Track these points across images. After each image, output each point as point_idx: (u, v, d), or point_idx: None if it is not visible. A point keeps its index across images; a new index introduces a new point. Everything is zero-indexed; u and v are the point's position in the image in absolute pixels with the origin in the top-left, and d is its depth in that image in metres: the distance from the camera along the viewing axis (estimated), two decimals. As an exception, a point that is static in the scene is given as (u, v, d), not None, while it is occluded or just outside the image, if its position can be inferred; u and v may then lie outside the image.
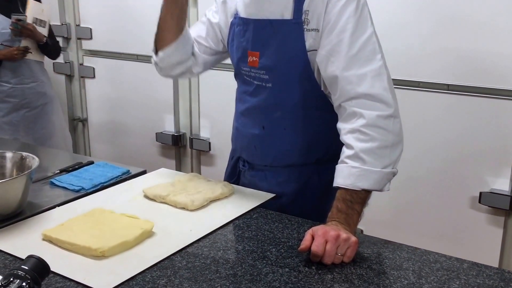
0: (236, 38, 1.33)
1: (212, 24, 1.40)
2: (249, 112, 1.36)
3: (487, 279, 0.95)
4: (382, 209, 2.16)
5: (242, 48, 1.31)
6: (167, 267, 0.98)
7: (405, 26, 2.11)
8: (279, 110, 1.29)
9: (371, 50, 1.14)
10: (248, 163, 1.41)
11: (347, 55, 1.14)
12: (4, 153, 1.28)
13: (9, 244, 1.06)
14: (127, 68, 3.03)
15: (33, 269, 0.77)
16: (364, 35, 1.14)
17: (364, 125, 1.11)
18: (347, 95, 1.14)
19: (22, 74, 2.71)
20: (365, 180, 1.10)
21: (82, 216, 1.15)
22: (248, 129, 1.37)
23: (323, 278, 0.95)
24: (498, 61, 1.97)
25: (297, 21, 1.19)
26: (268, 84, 1.28)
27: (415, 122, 2.11)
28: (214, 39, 1.41)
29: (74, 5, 3.19)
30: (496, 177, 2.05)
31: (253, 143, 1.36)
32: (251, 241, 1.09)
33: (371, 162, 1.10)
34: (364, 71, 1.13)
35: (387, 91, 1.13)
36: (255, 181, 1.39)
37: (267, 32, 1.24)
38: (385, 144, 1.12)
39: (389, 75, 1.16)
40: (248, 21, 1.28)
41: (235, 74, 1.41)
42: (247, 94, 1.35)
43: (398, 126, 1.14)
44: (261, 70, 1.28)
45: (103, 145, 3.31)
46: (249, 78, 1.32)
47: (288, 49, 1.22)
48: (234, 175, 1.47)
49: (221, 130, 2.75)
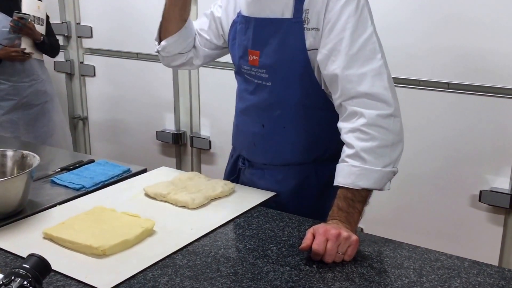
0: (238, 36, 1.34)
1: (214, 18, 1.42)
2: (249, 110, 1.36)
3: (488, 278, 0.95)
4: (382, 208, 2.16)
5: (243, 47, 1.32)
6: (168, 266, 0.98)
7: (405, 24, 2.11)
8: (278, 109, 1.29)
9: (372, 49, 1.14)
10: (248, 161, 1.41)
11: (348, 54, 1.14)
12: (5, 151, 1.28)
13: (10, 242, 1.06)
14: (128, 66, 3.02)
15: (34, 268, 0.77)
16: (364, 34, 1.14)
17: (364, 124, 1.11)
18: (347, 94, 1.15)
19: (23, 72, 2.71)
20: (365, 179, 1.10)
21: (83, 215, 1.15)
22: (248, 127, 1.37)
23: (324, 277, 0.95)
24: (498, 60, 1.97)
25: (297, 20, 1.20)
26: (268, 82, 1.28)
27: (415, 120, 2.11)
28: (215, 33, 1.43)
29: (74, 4, 3.18)
30: (496, 176, 2.05)
31: (252, 141, 1.37)
32: (252, 239, 1.09)
33: (372, 161, 1.10)
34: (364, 70, 1.13)
35: (387, 90, 1.13)
36: (254, 179, 1.39)
37: (267, 31, 1.25)
38: (385, 143, 1.12)
39: (390, 74, 1.16)
40: (249, 19, 1.29)
41: (235, 72, 1.41)
42: (248, 93, 1.35)
43: (398, 125, 1.14)
44: (261, 69, 1.28)
45: (103, 143, 3.31)
46: (250, 76, 1.32)
47: (288, 48, 1.23)
48: (234, 173, 1.47)
49: (222, 129, 2.75)
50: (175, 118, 2.93)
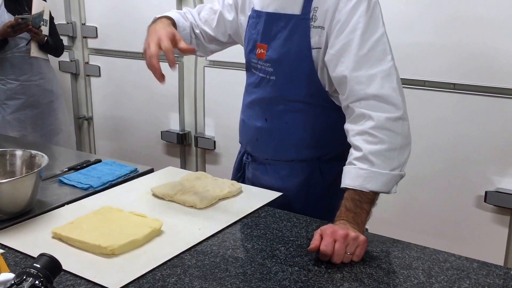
0: (248, 30, 1.35)
1: (225, 20, 1.42)
2: (253, 104, 1.37)
3: (497, 279, 0.95)
4: (387, 208, 2.16)
5: (253, 40, 1.33)
6: (177, 266, 0.98)
7: (410, 24, 2.10)
8: (281, 104, 1.29)
9: (382, 50, 1.14)
10: (251, 156, 1.42)
11: (357, 54, 1.13)
12: (14, 151, 1.28)
13: (20, 242, 1.06)
14: (132, 66, 3.03)
15: (45, 267, 0.78)
16: (375, 35, 1.14)
17: (372, 127, 1.11)
18: (356, 95, 1.14)
19: (30, 71, 2.72)
20: (373, 182, 1.10)
21: (91, 214, 1.16)
22: (253, 121, 1.38)
23: (333, 277, 0.95)
24: (504, 60, 1.96)
25: (305, 17, 1.20)
26: (272, 76, 1.29)
27: (420, 121, 2.11)
28: (223, 31, 1.44)
29: (80, 4, 3.19)
30: (502, 176, 2.04)
31: (255, 136, 1.37)
32: (260, 239, 1.09)
33: (379, 164, 1.10)
34: (374, 71, 1.12)
35: (396, 92, 1.13)
36: (258, 174, 1.40)
37: (276, 25, 1.25)
38: (393, 146, 1.11)
39: (399, 76, 1.16)
40: (260, 13, 1.30)
41: (246, 68, 1.42)
42: (253, 86, 1.36)
43: (406, 128, 1.14)
44: (267, 63, 1.29)
45: (108, 143, 3.32)
46: (256, 70, 1.34)
47: (293, 44, 1.23)
48: (241, 169, 1.48)
49: (226, 129, 2.75)
50: (179, 118, 2.93)
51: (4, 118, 2.72)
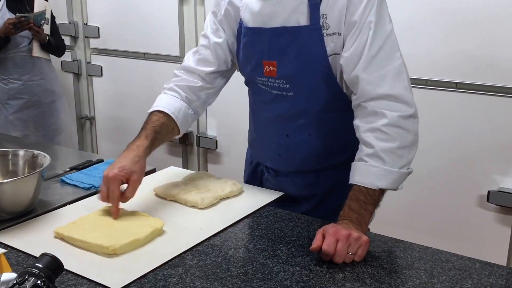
0: (244, 49, 1.29)
1: (220, 44, 1.34)
2: (270, 121, 1.33)
3: (500, 279, 0.94)
4: (389, 207, 2.13)
5: (255, 59, 1.27)
6: (178, 265, 0.98)
7: (413, 24, 2.10)
8: (302, 118, 1.27)
9: (391, 48, 1.13)
10: (273, 170, 1.39)
11: (368, 55, 1.12)
12: (16, 151, 1.28)
13: (22, 241, 1.06)
14: (135, 66, 3.03)
15: (47, 267, 0.78)
16: (384, 33, 1.13)
17: (385, 124, 1.10)
18: (367, 95, 1.13)
19: (32, 71, 2.73)
20: (383, 180, 1.09)
21: (93, 214, 1.16)
22: (271, 138, 1.34)
23: (335, 277, 0.95)
24: (506, 60, 1.96)
25: (316, 27, 1.16)
26: (289, 93, 1.25)
27: (423, 120, 2.06)
28: (223, 59, 1.36)
29: (82, 4, 3.20)
30: (504, 176, 2.04)
31: (277, 152, 1.34)
32: (261, 239, 1.09)
33: (390, 162, 1.10)
34: (384, 71, 1.12)
35: (407, 90, 1.13)
36: (282, 186, 1.36)
37: (283, 40, 1.20)
38: (404, 144, 1.11)
39: (408, 73, 1.15)
40: (259, 30, 1.24)
41: (246, 83, 1.38)
42: (265, 104, 1.32)
43: (416, 126, 1.14)
44: (281, 80, 1.24)
45: (110, 143, 3.32)
46: (267, 87, 1.29)
47: (307, 56, 1.19)
48: (256, 179, 1.45)
49: (228, 129, 2.75)
50: (182, 118, 2.93)
51: (7, 117, 2.73)
